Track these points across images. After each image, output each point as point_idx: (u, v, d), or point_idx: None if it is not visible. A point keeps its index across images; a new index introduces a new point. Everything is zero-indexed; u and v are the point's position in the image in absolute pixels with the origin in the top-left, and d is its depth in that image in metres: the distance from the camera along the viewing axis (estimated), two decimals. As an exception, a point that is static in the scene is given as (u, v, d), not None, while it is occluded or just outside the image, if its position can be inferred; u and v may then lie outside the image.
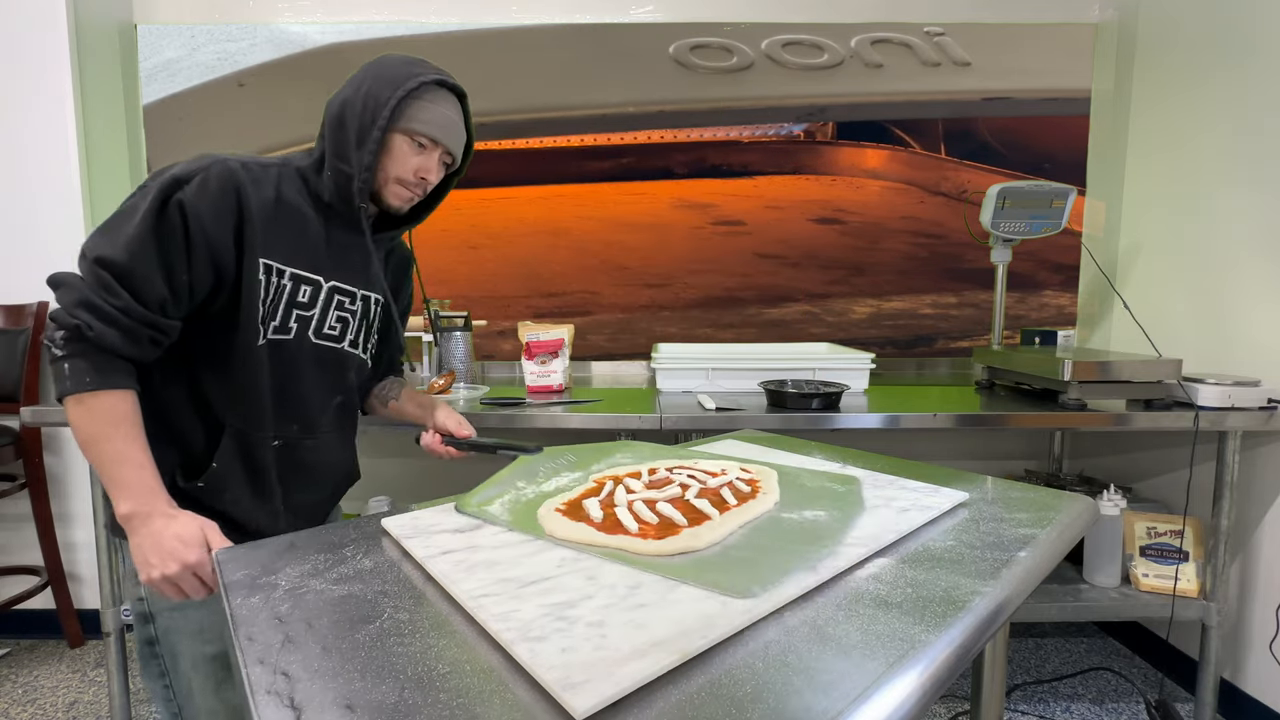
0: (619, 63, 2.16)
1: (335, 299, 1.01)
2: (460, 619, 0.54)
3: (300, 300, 0.97)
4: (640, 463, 0.93)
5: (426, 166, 0.99)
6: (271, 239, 0.93)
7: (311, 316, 0.99)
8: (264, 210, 0.92)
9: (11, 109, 1.94)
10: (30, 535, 1.99)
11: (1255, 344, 1.68)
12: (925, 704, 0.45)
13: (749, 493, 0.78)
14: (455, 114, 1.00)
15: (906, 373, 2.22)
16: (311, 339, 1.00)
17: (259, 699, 0.44)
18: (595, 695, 0.41)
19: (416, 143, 0.97)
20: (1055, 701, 1.80)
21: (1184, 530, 1.67)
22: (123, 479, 0.81)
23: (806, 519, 0.72)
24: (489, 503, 0.79)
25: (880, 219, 2.25)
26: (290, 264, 0.95)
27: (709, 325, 2.26)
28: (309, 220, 0.97)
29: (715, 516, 0.71)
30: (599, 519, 0.71)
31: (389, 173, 0.98)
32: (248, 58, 2.11)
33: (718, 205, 2.24)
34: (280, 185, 0.95)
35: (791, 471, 0.90)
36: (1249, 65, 1.71)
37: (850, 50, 2.18)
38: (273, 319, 0.95)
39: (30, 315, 1.91)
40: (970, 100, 2.20)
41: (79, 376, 0.81)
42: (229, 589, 0.60)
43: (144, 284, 0.83)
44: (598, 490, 0.80)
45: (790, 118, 2.22)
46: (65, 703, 1.79)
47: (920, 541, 0.69)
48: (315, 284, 0.98)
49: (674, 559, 0.62)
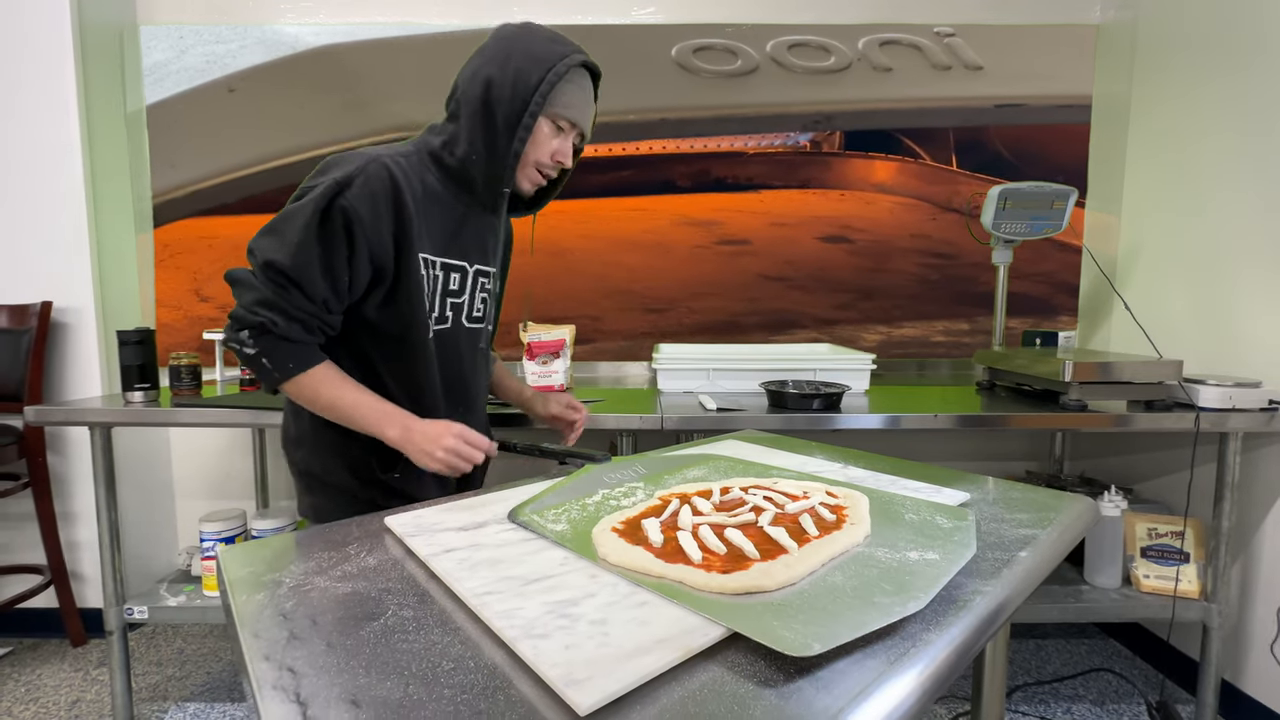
0: (620, 66, 2.13)
1: (479, 281, 1.05)
2: (464, 616, 0.54)
3: (452, 288, 1.01)
4: (714, 479, 0.86)
5: (564, 150, 1.01)
6: (427, 231, 0.96)
7: (462, 303, 1.03)
8: (418, 204, 0.95)
9: (15, 109, 1.95)
10: (33, 534, 1.99)
11: (1256, 345, 1.68)
12: (925, 702, 0.46)
13: (834, 522, 0.68)
14: (591, 94, 1.01)
15: (907, 373, 2.22)
16: (465, 324, 1.04)
17: (265, 694, 0.44)
18: (598, 692, 0.42)
19: (557, 126, 0.98)
20: (1056, 703, 1.80)
21: (1185, 531, 1.67)
22: (373, 416, 0.90)
23: (910, 560, 0.60)
24: (542, 513, 0.75)
25: (890, 237, 2.18)
26: (442, 254, 0.98)
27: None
28: (450, 206, 1.00)
29: (793, 550, 0.61)
30: (658, 544, 0.63)
31: (530, 158, 0.99)
32: (238, 60, 2.08)
33: (722, 222, 2.17)
34: (424, 175, 0.98)
35: (886, 498, 0.78)
36: (1251, 66, 1.71)
37: (858, 53, 2.12)
38: (433, 310, 0.99)
39: (34, 315, 1.92)
40: (982, 107, 2.13)
41: (283, 365, 0.89)
42: (233, 586, 0.60)
43: (310, 285, 0.89)
44: (660, 509, 0.73)
45: (796, 126, 2.15)
46: (67, 701, 1.80)
47: (921, 541, 0.69)
48: (462, 270, 1.01)
49: (738, 599, 0.54)
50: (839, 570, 0.59)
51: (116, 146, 2.08)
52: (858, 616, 0.50)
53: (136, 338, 1.59)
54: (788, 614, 0.51)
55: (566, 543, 0.66)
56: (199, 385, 1.66)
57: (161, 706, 1.79)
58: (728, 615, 0.51)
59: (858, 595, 0.54)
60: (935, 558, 0.61)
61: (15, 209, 1.97)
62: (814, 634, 0.47)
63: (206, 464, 2.27)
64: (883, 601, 0.53)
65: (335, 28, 2.09)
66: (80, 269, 1.98)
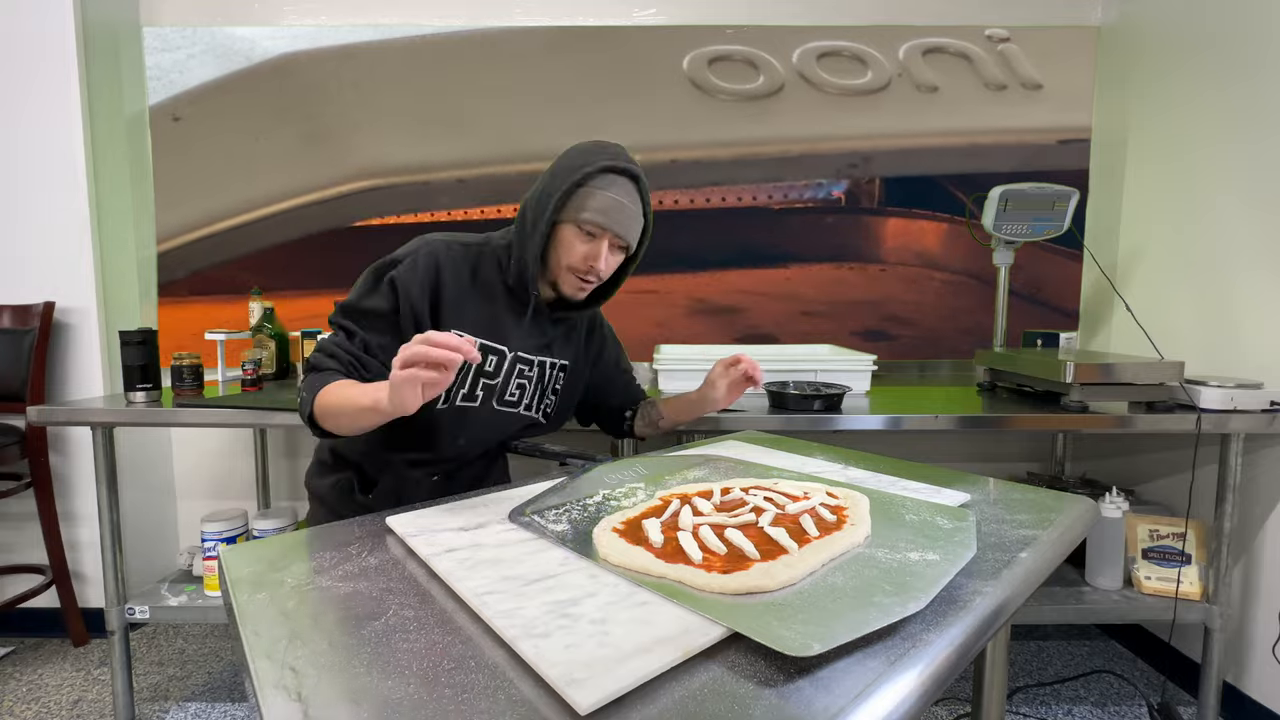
0: (626, 82, 1.86)
1: (517, 367, 1.09)
2: (465, 616, 0.54)
3: (487, 370, 1.06)
4: (715, 479, 0.86)
5: (594, 254, 1.02)
6: (464, 312, 1.04)
7: (495, 385, 1.08)
8: (460, 287, 1.04)
9: (18, 110, 1.95)
10: (35, 534, 2.00)
11: (1258, 346, 1.68)
12: (925, 702, 0.46)
13: (834, 523, 0.69)
14: (627, 198, 1.01)
15: (908, 374, 2.22)
16: (494, 405, 1.09)
17: (266, 693, 0.44)
18: (599, 691, 0.42)
19: (585, 231, 1.01)
20: (1057, 704, 1.79)
21: (1186, 533, 1.67)
22: (370, 401, 0.85)
23: (911, 561, 0.61)
24: (543, 513, 0.75)
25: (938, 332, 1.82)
26: (480, 334, 1.04)
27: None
28: (499, 296, 1.07)
29: (793, 550, 0.61)
30: (659, 544, 0.64)
31: (561, 262, 1.04)
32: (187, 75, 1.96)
33: (744, 309, 1.84)
34: (479, 264, 1.07)
35: (886, 498, 0.79)
36: (1253, 67, 1.71)
37: (898, 65, 1.78)
38: (461, 387, 1.05)
39: (36, 315, 1.92)
40: (1043, 144, 1.77)
41: (310, 391, 0.94)
42: (235, 585, 0.61)
43: (353, 326, 1.00)
44: (661, 509, 0.73)
45: (829, 171, 1.81)
46: (69, 701, 1.80)
47: (921, 542, 0.69)
48: (500, 354, 1.07)
49: (739, 599, 0.54)
50: (839, 571, 0.59)
51: (119, 147, 2.09)
52: (858, 616, 0.50)
53: (138, 338, 1.59)
54: (788, 614, 0.51)
55: (567, 543, 0.66)
56: (201, 385, 1.66)
57: (163, 706, 1.79)
58: (728, 615, 0.51)
59: (858, 595, 0.54)
60: (936, 558, 0.61)
61: (18, 209, 1.98)
62: (813, 634, 0.47)
63: (208, 464, 2.28)
64: (883, 602, 0.53)
65: (340, 30, 2.07)
66: (83, 270, 1.99)
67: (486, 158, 1.91)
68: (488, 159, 1.91)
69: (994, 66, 1.79)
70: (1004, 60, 1.79)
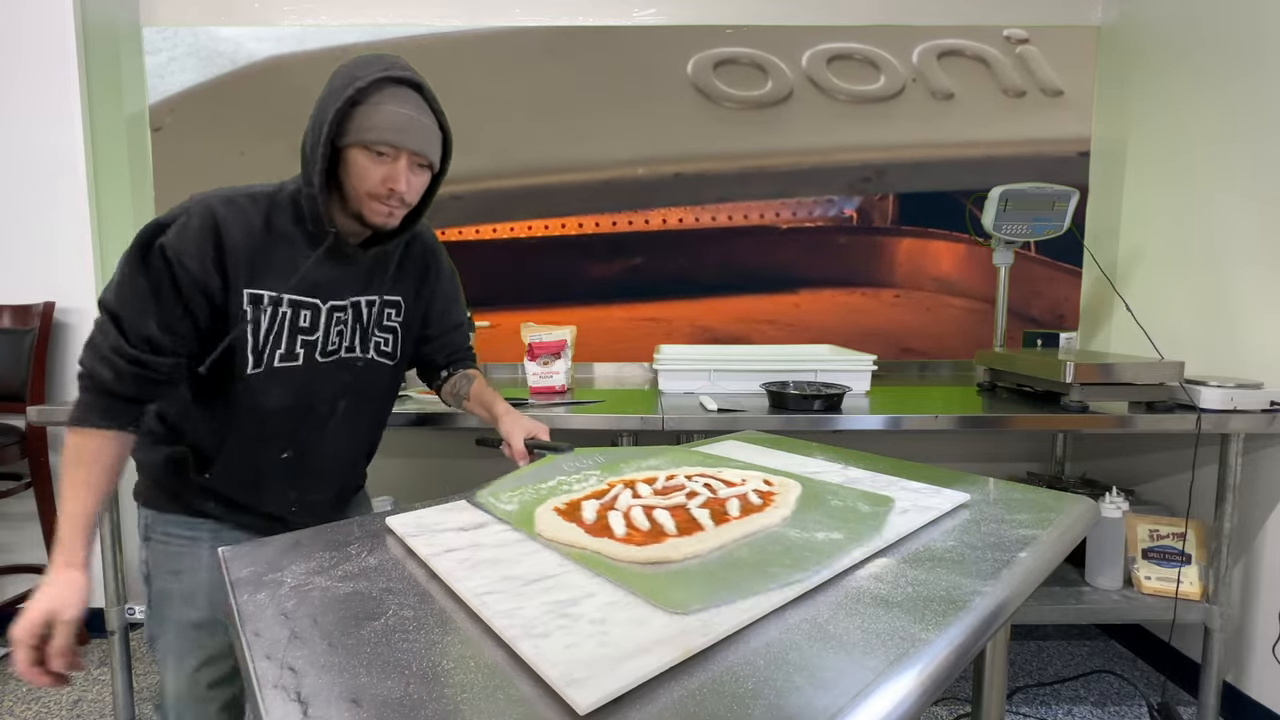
0: (627, 88, 1.78)
1: (334, 316, 1.01)
2: (464, 616, 0.54)
3: (303, 325, 0.97)
4: (666, 468, 0.89)
5: (392, 175, 0.91)
6: (260, 269, 0.93)
7: (316, 340, 0.99)
8: (252, 242, 0.92)
9: (19, 110, 1.95)
10: (35, 534, 2.00)
11: (1258, 346, 1.68)
12: (925, 702, 0.46)
13: (759, 505, 0.74)
14: (416, 109, 0.91)
15: (908, 375, 2.22)
16: (319, 360, 1.00)
17: (266, 693, 0.44)
18: (598, 691, 0.42)
19: (376, 153, 0.90)
20: (1057, 704, 1.79)
21: (1186, 533, 1.66)
22: (63, 528, 0.88)
23: (816, 540, 0.65)
24: (498, 495, 0.79)
25: (957, 362, 1.67)
26: (288, 290, 0.94)
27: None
28: (299, 242, 0.96)
29: (709, 528, 0.67)
30: (590, 521, 0.69)
31: (358, 190, 0.92)
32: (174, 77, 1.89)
33: (750, 340, 1.77)
34: (270, 214, 0.94)
35: (819, 486, 0.83)
36: (1252, 65, 1.71)
37: (913, 69, 1.67)
38: (278, 347, 0.95)
39: (36, 315, 1.92)
40: (1065, 155, 1.67)
41: (78, 410, 0.87)
42: (235, 585, 0.61)
43: (130, 326, 0.86)
44: (604, 493, 0.78)
45: (840, 186, 1.70)
46: (69, 700, 1.80)
47: (921, 542, 0.69)
48: (314, 307, 0.98)
49: (646, 568, 0.59)
50: (747, 546, 0.64)
51: (120, 147, 2.09)
52: (748, 585, 0.55)
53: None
54: (685, 581, 0.57)
55: (511, 519, 0.71)
56: (201, 385, 1.66)
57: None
58: (633, 580, 0.56)
59: (755, 567, 0.59)
60: (839, 538, 0.66)
61: (18, 209, 1.98)
62: (697, 595, 0.53)
63: (208, 464, 2.27)
64: (776, 572, 0.58)
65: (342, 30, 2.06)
66: (83, 270, 1.99)
67: (480, 171, 1.82)
68: (480, 173, 1.82)
69: (1013, 71, 1.68)
70: (1023, 64, 1.68)
